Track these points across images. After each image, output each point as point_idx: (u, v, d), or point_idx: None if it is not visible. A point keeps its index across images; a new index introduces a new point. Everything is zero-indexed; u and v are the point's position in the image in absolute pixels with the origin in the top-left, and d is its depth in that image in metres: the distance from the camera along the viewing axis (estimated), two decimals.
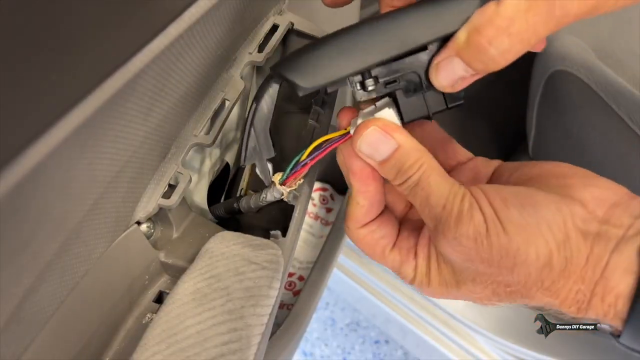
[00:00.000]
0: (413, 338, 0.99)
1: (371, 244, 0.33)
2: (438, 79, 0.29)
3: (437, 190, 0.29)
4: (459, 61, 0.28)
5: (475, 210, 0.27)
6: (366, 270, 0.98)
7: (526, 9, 0.24)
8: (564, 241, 0.26)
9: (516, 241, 0.27)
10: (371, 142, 0.30)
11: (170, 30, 0.30)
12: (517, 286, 0.28)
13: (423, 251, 0.32)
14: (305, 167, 0.36)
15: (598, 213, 0.27)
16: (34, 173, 0.23)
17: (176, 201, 0.35)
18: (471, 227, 0.27)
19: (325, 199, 0.75)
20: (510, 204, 0.27)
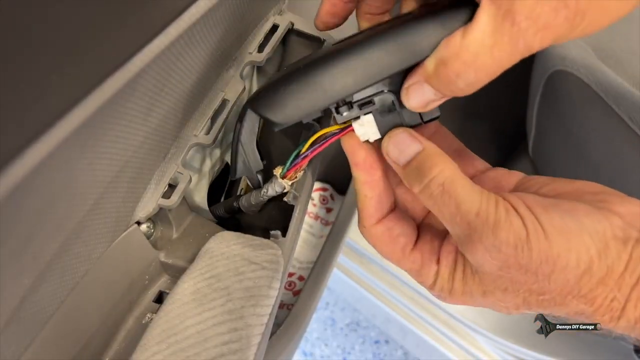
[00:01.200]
0: (413, 338, 0.99)
1: (389, 242, 0.32)
2: (409, 102, 0.29)
3: (467, 197, 0.28)
4: (428, 87, 0.28)
5: (514, 215, 0.27)
6: (366, 270, 0.98)
7: (491, 45, 0.25)
8: (605, 249, 0.26)
9: (557, 246, 0.26)
10: (398, 143, 0.31)
11: (170, 30, 0.30)
12: (552, 294, 0.27)
13: (447, 258, 0.31)
14: (305, 159, 0.36)
15: (637, 224, 0.27)
16: (34, 173, 0.23)
17: (176, 201, 0.35)
18: (511, 233, 0.26)
19: (325, 199, 0.75)
20: (550, 210, 0.27)
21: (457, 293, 0.30)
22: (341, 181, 0.72)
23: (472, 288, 0.29)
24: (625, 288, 0.26)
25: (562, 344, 0.81)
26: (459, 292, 0.30)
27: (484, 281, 0.29)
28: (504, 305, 0.29)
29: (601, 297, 0.26)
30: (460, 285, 0.30)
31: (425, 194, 0.29)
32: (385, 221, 0.32)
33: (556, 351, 0.81)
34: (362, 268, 0.98)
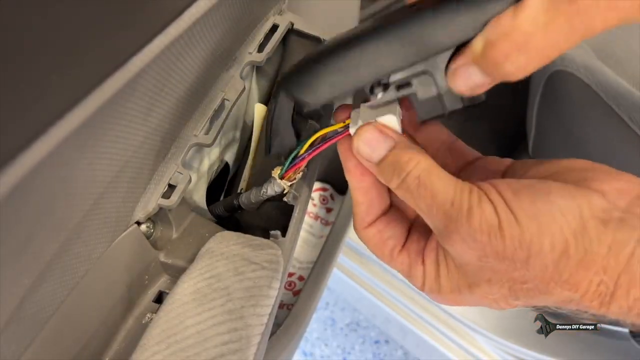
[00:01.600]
0: (413, 338, 0.99)
1: (379, 245, 0.32)
2: (456, 84, 0.28)
3: (442, 188, 0.27)
4: (476, 69, 0.27)
5: (485, 202, 0.26)
6: (366, 270, 0.98)
7: (545, 25, 0.23)
8: (582, 230, 0.25)
9: (529, 231, 0.25)
10: (368, 140, 0.30)
11: (170, 30, 0.30)
12: (534, 281, 0.26)
13: (430, 256, 0.30)
14: (303, 160, 0.36)
15: (620, 204, 0.25)
16: (34, 173, 0.23)
17: (176, 201, 0.35)
18: (483, 220, 0.26)
19: (325, 199, 0.75)
20: (522, 194, 0.26)
21: (445, 291, 0.30)
22: (341, 181, 0.72)
23: (458, 283, 0.29)
24: (611, 272, 0.25)
25: (562, 344, 0.81)
26: (447, 290, 0.30)
27: (468, 274, 0.28)
28: (493, 299, 0.28)
29: (585, 281, 0.25)
30: (447, 282, 0.29)
31: (402, 188, 0.29)
32: (376, 224, 0.32)
33: (556, 351, 0.81)
34: (362, 268, 0.98)
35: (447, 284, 0.30)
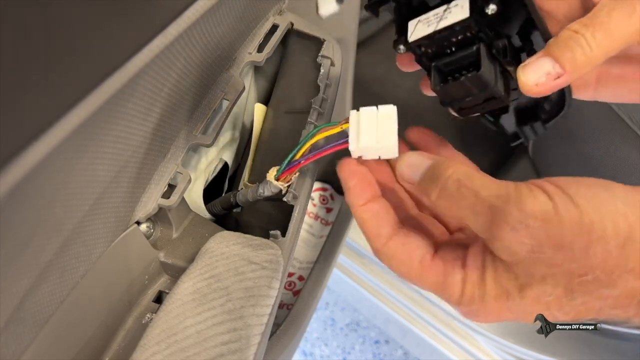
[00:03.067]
0: (413, 338, 0.99)
1: (405, 259, 0.29)
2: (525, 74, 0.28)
3: (485, 184, 0.26)
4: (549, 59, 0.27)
5: (537, 191, 0.24)
6: (366, 270, 0.98)
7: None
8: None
9: (589, 215, 0.23)
10: (412, 164, 0.30)
11: (170, 30, 0.30)
12: (596, 271, 0.23)
13: (474, 261, 0.27)
14: (298, 165, 0.36)
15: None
16: (34, 173, 0.23)
17: (176, 201, 0.35)
18: (537, 205, 0.24)
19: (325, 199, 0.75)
20: (578, 183, 0.25)
21: (490, 298, 0.26)
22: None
23: (507, 286, 0.26)
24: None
25: (562, 344, 0.81)
26: (492, 296, 0.26)
27: (519, 274, 0.25)
28: (545, 303, 0.25)
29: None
30: (493, 286, 0.26)
31: (442, 196, 0.28)
32: (396, 238, 0.30)
33: (556, 351, 0.81)
34: (362, 268, 0.98)
35: (493, 289, 0.26)
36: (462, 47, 0.29)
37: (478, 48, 0.29)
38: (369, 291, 1.00)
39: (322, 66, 0.43)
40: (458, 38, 0.29)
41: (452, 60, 0.29)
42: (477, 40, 0.29)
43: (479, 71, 0.28)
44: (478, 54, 0.29)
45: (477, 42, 0.29)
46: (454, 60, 0.29)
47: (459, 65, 0.29)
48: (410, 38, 0.29)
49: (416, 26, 0.29)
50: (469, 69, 0.29)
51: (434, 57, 0.30)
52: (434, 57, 0.30)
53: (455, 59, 0.29)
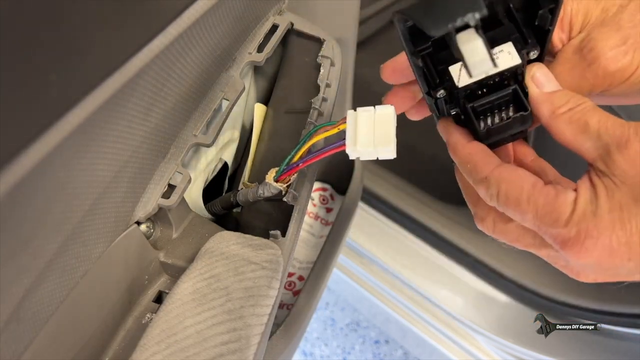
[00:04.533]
0: (413, 338, 0.99)
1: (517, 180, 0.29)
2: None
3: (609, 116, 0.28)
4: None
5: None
6: (366, 270, 0.98)
7: None
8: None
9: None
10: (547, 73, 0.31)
11: (170, 30, 0.30)
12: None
13: (585, 183, 0.28)
14: (297, 167, 0.36)
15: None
16: (34, 173, 0.23)
17: (176, 201, 0.35)
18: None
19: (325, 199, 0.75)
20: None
21: (603, 210, 0.26)
22: (341, 181, 0.72)
23: (621, 200, 0.26)
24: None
25: (562, 344, 0.81)
26: (605, 210, 0.26)
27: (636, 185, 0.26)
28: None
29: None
30: (606, 201, 0.26)
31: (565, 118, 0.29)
32: (507, 165, 0.30)
33: (556, 351, 0.81)
34: (362, 268, 0.98)
35: (606, 203, 0.26)
36: (497, 88, 0.31)
37: (515, 90, 0.31)
38: (369, 291, 1.00)
39: (322, 66, 0.43)
40: (495, 80, 0.31)
41: (488, 101, 0.31)
42: (512, 81, 0.31)
43: (526, 112, 0.30)
44: (516, 94, 0.31)
45: (513, 84, 0.31)
46: (490, 101, 0.31)
47: (492, 105, 0.31)
48: (459, 83, 0.30)
49: (461, 71, 0.30)
50: (501, 107, 0.31)
51: (468, 99, 0.31)
52: (468, 99, 0.31)
53: (492, 99, 0.31)
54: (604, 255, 0.26)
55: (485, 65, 0.27)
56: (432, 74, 0.32)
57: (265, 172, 0.39)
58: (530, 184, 0.29)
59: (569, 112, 0.29)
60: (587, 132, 0.28)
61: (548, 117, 0.30)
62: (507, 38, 0.30)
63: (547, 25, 0.30)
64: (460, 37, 0.26)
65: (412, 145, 0.93)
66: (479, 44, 0.26)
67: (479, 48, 0.26)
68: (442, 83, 0.31)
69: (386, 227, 0.95)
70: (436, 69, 0.32)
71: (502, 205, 0.29)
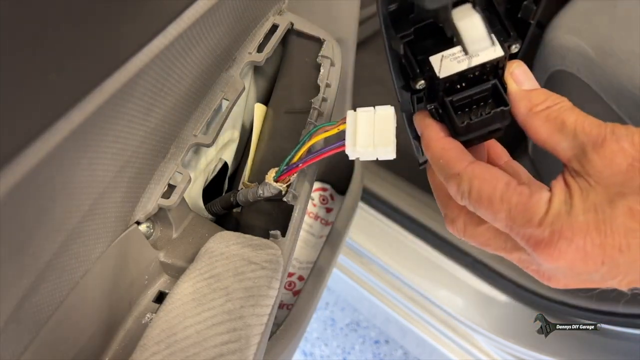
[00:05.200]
0: (413, 338, 0.99)
1: (490, 178, 0.28)
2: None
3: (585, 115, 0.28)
4: None
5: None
6: (366, 270, 0.98)
7: None
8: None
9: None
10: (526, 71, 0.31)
11: (170, 30, 0.30)
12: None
13: (559, 182, 0.27)
14: (297, 168, 0.36)
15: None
16: (33, 173, 0.23)
17: (176, 201, 0.35)
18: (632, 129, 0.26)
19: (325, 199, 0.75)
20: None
21: (578, 212, 0.25)
22: (341, 181, 0.72)
23: (595, 200, 0.25)
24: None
25: (562, 344, 0.81)
26: (579, 210, 0.25)
27: (611, 185, 0.25)
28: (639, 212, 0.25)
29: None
30: (580, 201, 0.25)
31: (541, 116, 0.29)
32: (481, 162, 0.29)
33: (556, 351, 0.81)
34: (362, 268, 0.98)
35: (581, 203, 0.25)
36: (477, 82, 0.30)
37: (495, 84, 0.30)
38: (369, 291, 1.00)
39: (322, 66, 0.43)
40: (475, 74, 0.30)
41: (467, 95, 0.30)
42: (491, 76, 0.30)
43: (506, 107, 0.29)
44: (496, 89, 0.30)
45: (492, 79, 0.30)
46: (469, 95, 0.30)
47: (470, 100, 0.30)
48: (440, 74, 0.29)
49: (442, 62, 0.29)
50: (479, 103, 0.31)
51: (447, 92, 0.30)
52: (447, 93, 0.30)
53: (471, 93, 0.30)
54: (577, 258, 0.25)
55: (483, 43, 0.26)
56: (412, 64, 0.31)
57: (265, 172, 0.39)
58: (504, 182, 0.28)
59: (546, 110, 0.29)
60: (563, 131, 0.28)
61: (525, 115, 0.29)
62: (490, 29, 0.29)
63: (530, 18, 0.30)
64: (456, 13, 0.25)
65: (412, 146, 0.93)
66: (477, 20, 0.25)
67: (478, 24, 0.25)
68: (422, 73, 0.30)
69: (386, 227, 0.95)
70: (416, 59, 0.31)
71: (473, 204, 0.28)
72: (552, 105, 0.29)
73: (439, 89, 0.30)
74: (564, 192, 0.26)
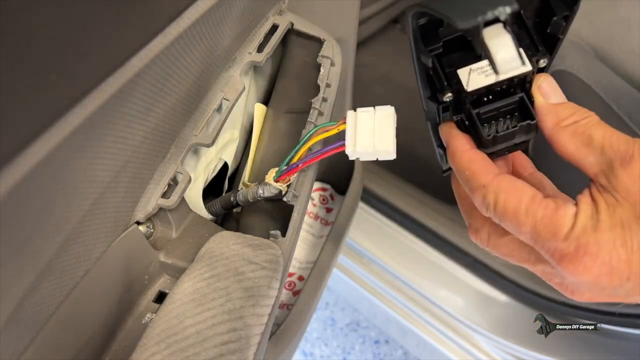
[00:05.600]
0: (413, 338, 0.99)
1: (516, 191, 0.28)
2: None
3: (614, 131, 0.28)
4: None
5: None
6: (366, 270, 0.98)
7: None
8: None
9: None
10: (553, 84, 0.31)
11: (170, 30, 0.30)
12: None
13: (585, 197, 0.27)
14: (297, 168, 0.36)
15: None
16: (33, 173, 0.23)
17: (176, 201, 0.35)
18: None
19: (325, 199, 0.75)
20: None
21: (604, 227, 0.25)
22: (341, 181, 0.72)
23: (622, 216, 0.25)
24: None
25: (562, 344, 0.81)
26: (606, 226, 0.25)
27: (638, 202, 0.25)
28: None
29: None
30: (607, 216, 0.25)
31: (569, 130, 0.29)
32: (506, 175, 0.29)
33: (556, 351, 0.81)
34: (362, 268, 0.98)
35: (607, 218, 0.25)
36: (504, 95, 0.30)
37: (522, 98, 0.30)
38: (369, 291, 1.00)
39: (322, 66, 0.43)
40: (503, 87, 0.30)
41: (494, 107, 0.30)
42: (519, 89, 0.30)
43: (533, 121, 0.29)
44: (523, 102, 0.30)
45: (519, 92, 0.30)
46: (496, 107, 0.30)
47: (497, 113, 0.31)
48: (468, 87, 0.29)
49: (470, 75, 0.29)
50: (506, 115, 0.31)
51: (474, 105, 0.30)
52: (474, 105, 0.30)
53: (498, 106, 0.30)
54: (602, 273, 0.25)
55: (513, 63, 0.25)
56: (439, 76, 0.31)
57: (265, 172, 0.39)
58: (530, 195, 0.28)
59: (573, 125, 0.29)
60: (590, 146, 0.28)
61: (552, 129, 0.29)
62: (518, 44, 0.29)
63: (559, 33, 0.30)
64: (487, 32, 0.25)
65: (412, 146, 0.93)
66: (508, 40, 0.25)
67: (509, 45, 0.25)
68: (450, 86, 0.31)
69: (386, 227, 0.95)
70: (444, 71, 0.31)
71: (499, 216, 0.29)
72: (579, 119, 0.29)
73: (466, 102, 0.30)
74: (590, 207, 0.26)
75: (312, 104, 0.41)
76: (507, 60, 0.25)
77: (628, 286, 0.25)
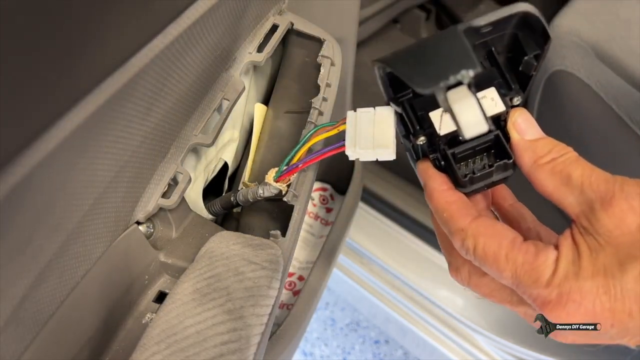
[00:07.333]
0: (413, 338, 0.99)
1: (495, 235, 0.28)
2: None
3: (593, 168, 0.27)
4: None
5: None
6: (366, 270, 0.98)
7: None
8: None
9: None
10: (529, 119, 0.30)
11: (170, 30, 0.30)
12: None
13: (567, 240, 0.26)
14: (297, 168, 0.36)
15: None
16: (34, 173, 0.23)
17: (176, 201, 0.35)
18: None
19: (325, 199, 0.75)
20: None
21: (586, 275, 0.25)
22: (341, 181, 0.72)
23: (605, 263, 0.24)
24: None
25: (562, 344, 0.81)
26: (588, 273, 0.24)
27: (621, 248, 0.24)
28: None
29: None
30: (589, 263, 0.25)
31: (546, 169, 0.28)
32: (485, 218, 0.29)
33: (556, 351, 0.81)
34: (362, 268, 0.98)
35: (589, 265, 0.25)
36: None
37: (497, 136, 0.29)
38: (369, 291, 1.00)
39: (322, 66, 0.43)
40: None
41: (470, 147, 0.30)
42: (494, 127, 0.29)
43: (510, 160, 0.29)
44: (499, 141, 0.29)
45: (495, 130, 0.29)
46: (471, 147, 0.30)
47: (473, 151, 0.30)
48: (440, 131, 0.29)
49: (442, 118, 0.29)
50: (482, 153, 0.30)
51: (449, 145, 0.30)
52: (449, 146, 0.30)
53: (473, 145, 0.30)
54: (585, 320, 0.25)
55: (479, 127, 0.25)
56: (412, 119, 0.31)
57: (265, 172, 0.39)
58: (509, 240, 0.27)
59: (551, 163, 0.28)
60: (569, 185, 0.27)
61: (530, 166, 0.29)
62: (490, 83, 0.29)
63: (531, 71, 0.29)
64: (451, 95, 0.25)
65: None
66: (473, 104, 0.25)
67: (473, 109, 0.25)
68: (422, 129, 0.30)
69: (386, 227, 0.95)
70: (415, 115, 0.30)
71: (478, 260, 0.28)
72: (557, 157, 0.28)
73: (441, 143, 0.30)
74: (572, 252, 0.26)
75: (312, 104, 0.41)
76: (471, 123, 0.25)
77: (612, 332, 0.25)
